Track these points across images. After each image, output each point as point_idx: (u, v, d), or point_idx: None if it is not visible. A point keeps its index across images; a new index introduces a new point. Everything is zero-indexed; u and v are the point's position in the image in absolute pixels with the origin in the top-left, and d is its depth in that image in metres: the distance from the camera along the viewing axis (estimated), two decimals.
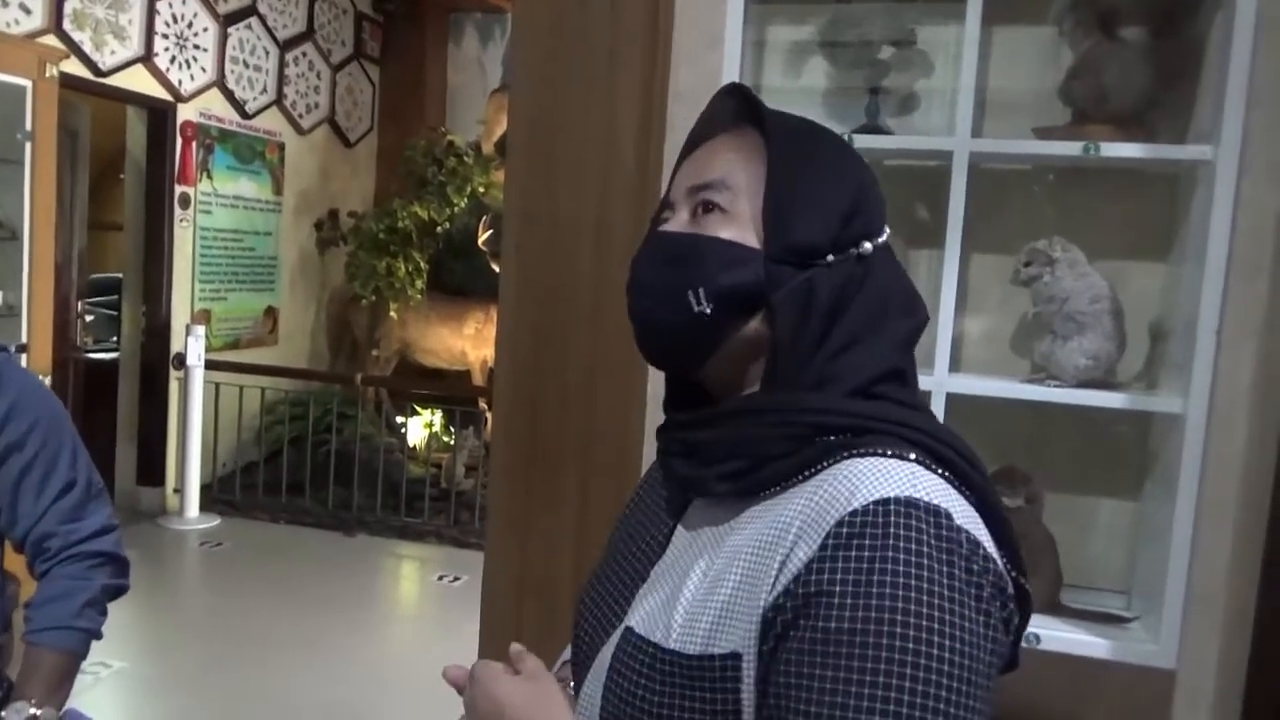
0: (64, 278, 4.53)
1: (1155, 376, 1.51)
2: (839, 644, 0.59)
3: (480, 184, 5.71)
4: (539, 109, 1.60)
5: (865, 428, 0.68)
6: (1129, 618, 1.47)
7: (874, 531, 0.61)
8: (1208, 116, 1.40)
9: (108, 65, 4.61)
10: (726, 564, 0.69)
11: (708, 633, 0.67)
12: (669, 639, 0.69)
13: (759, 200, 0.73)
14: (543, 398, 1.62)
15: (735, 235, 0.72)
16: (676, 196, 0.77)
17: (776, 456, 0.69)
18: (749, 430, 0.71)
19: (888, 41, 1.56)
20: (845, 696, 0.58)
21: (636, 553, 0.82)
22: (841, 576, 0.61)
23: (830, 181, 0.74)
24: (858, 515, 0.62)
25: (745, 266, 0.71)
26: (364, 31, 6.65)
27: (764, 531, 0.68)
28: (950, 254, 1.44)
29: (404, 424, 5.79)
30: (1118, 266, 1.51)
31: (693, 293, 0.71)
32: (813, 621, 0.61)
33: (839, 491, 0.64)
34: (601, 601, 0.82)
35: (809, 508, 0.65)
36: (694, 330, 0.73)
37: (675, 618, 0.69)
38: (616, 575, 0.82)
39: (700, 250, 0.73)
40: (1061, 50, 1.53)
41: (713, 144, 0.78)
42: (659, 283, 0.74)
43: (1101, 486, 1.56)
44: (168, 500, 5.16)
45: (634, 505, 0.91)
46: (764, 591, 0.64)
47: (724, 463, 0.71)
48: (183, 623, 3.90)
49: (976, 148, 1.44)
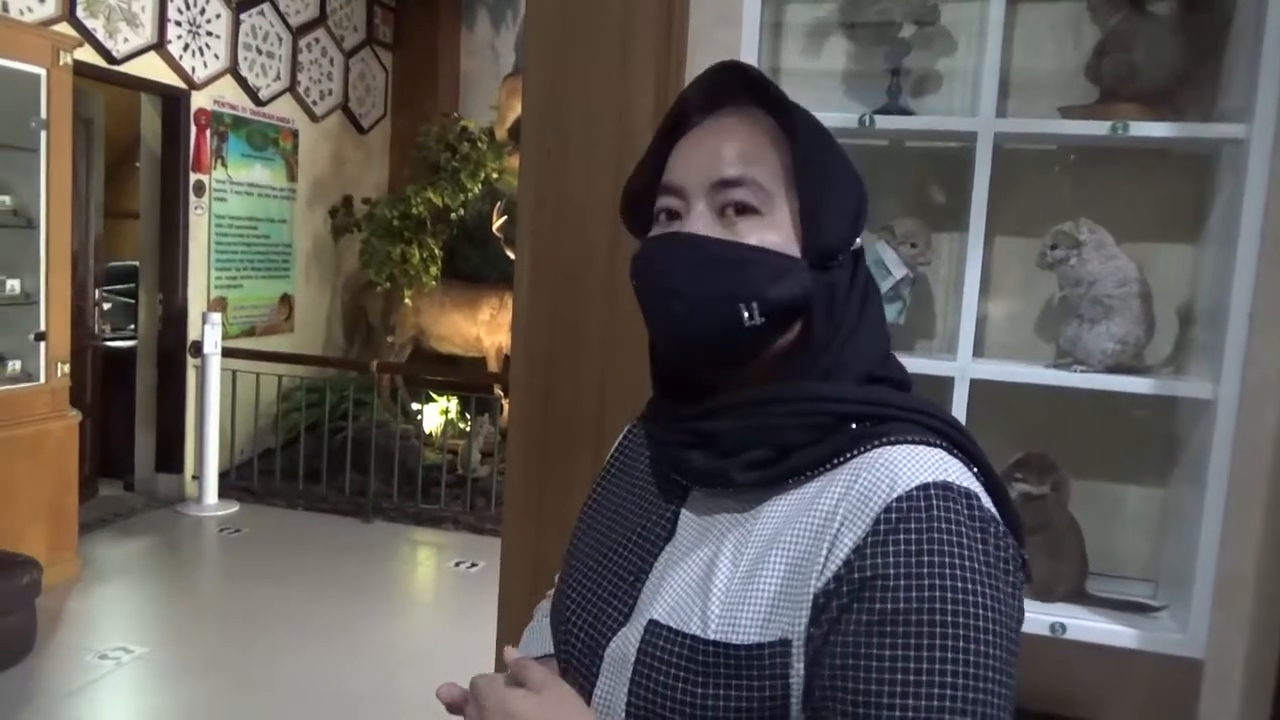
0: (80, 265, 4.55)
1: (1184, 361, 1.48)
2: (895, 624, 0.62)
3: (494, 169, 5.70)
4: (552, 93, 1.58)
5: (886, 415, 0.71)
6: (1156, 606, 1.44)
7: (918, 516, 0.64)
8: (1240, 94, 1.36)
9: (121, 53, 4.61)
10: (761, 552, 0.69)
11: (753, 621, 0.67)
12: (707, 630, 0.68)
13: (790, 200, 0.73)
14: (558, 384, 1.60)
15: (778, 242, 0.72)
16: (690, 187, 0.74)
17: (801, 445, 0.70)
18: (769, 419, 0.71)
19: (909, 20, 1.53)
20: (905, 674, 0.61)
21: (630, 544, 0.79)
22: (894, 560, 0.63)
23: (847, 181, 0.75)
24: (902, 501, 0.64)
25: (794, 277, 0.71)
26: (376, 17, 6.63)
27: (802, 519, 0.68)
28: (974, 237, 1.41)
29: (419, 410, 5.80)
30: (1146, 249, 1.48)
31: (745, 305, 0.70)
32: (869, 604, 0.63)
33: (880, 479, 0.66)
34: (597, 596, 0.79)
35: (851, 495, 0.66)
36: (743, 340, 0.72)
37: (711, 608, 0.68)
38: (610, 568, 0.79)
39: (749, 261, 0.71)
40: (1086, 27, 1.49)
41: (716, 129, 0.75)
42: (704, 291, 0.71)
43: (1128, 473, 1.53)
44: (186, 487, 5.20)
45: (604, 496, 0.88)
46: (813, 577, 0.65)
47: (745, 452, 0.71)
48: (202, 608, 3.93)
49: (1001, 128, 1.40)
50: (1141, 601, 1.45)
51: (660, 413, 0.80)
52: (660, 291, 0.74)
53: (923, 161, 1.58)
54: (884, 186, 1.56)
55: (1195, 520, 1.35)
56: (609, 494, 0.88)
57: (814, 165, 0.73)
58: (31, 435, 3.73)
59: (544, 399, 1.62)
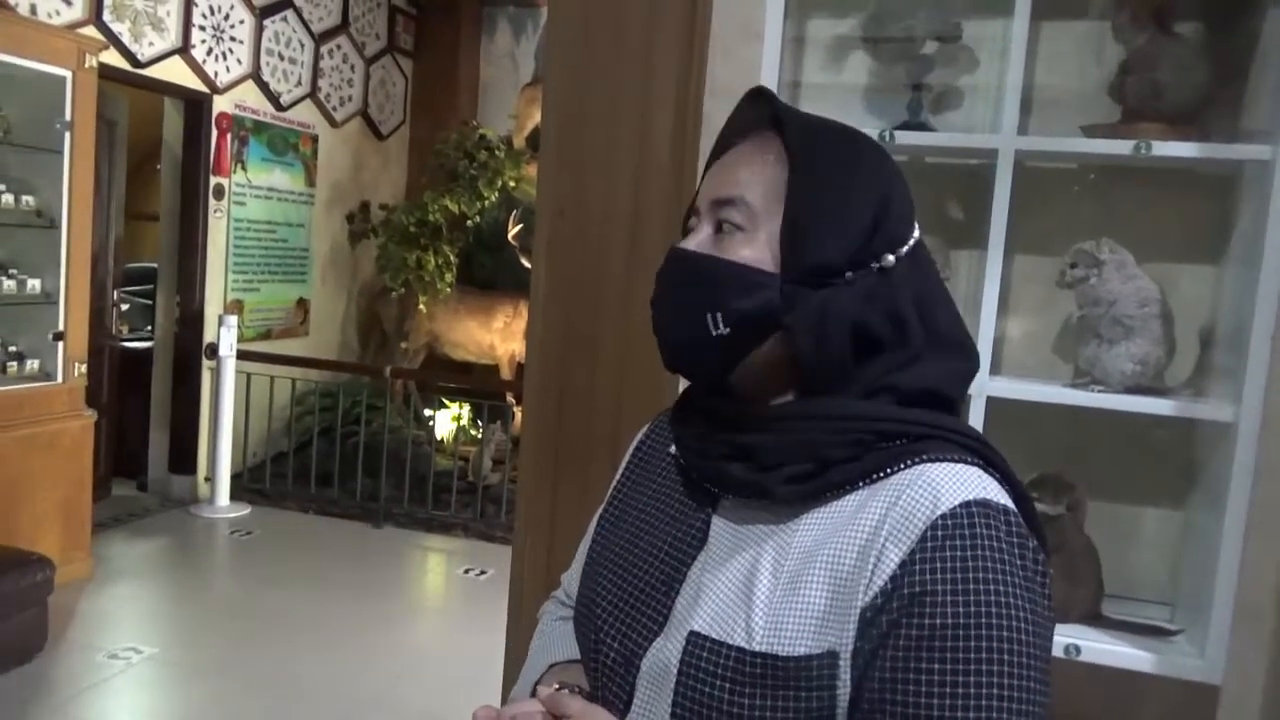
0: (100, 266, 4.59)
1: (1205, 383, 1.47)
2: (943, 639, 0.64)
3: (511, 178, 5.72)
4: (572, 103, 1.58)
5: (923, 434, 0.72)
6: (1173, 630, 1.42)
7: (962, 533, 0.66)
8: (1265, 115, 1.35)
9: (146, 56, 4.66)
10: (801, 565, 0.70)
11: (799, 633, 0.68)
12: (752, 641, 0.69)
13: (778, 219, 0.74)
14: (572, 393, 1.60)
15: (753, 257, 0.74)
16: (702, 206, 0.79)
17: (840, 461, 0.71)
18: (808, 434, 0.73)
19: (932, 36, 1.53)
20: (954, 687, 0.63)
21: (661, 551, 0.80)
22: (942, 576, 0.65)
23: (852, 199, 0.75)
24: (947, 519, 0.66)
25: (761, 291, 0.73)
26: (397, 25, 6.68)
27: (844, 533, 0.70)
28: (993, 254, 1.40)
29: (432, 416, 5.81)
30: (1167, 269, 1.47)
31: (710, 315, 0.74)
32: (918, 619, 0.64)
33: (923, 496, 0.68)
34: (630, 604, 0.79)
35: (896, 511, 0.68)
36: (714, 349, 0.75)
37: (754, 619, 0.70)
38: (642, 576, 0.80)
39: (717, 273, 0.75)
40: (1109, 46, 1.48)
41: (736, 152, 0.79)
42: (678, 302, 0.77)
43: (1146, 495, 1.52)
44: (199, 488, 5.22)
45: (628, 500, 0.89)
46: (859, 591, 0.67)
47: (785, 466, 0.72)
48: (212, 610, 3.94)
49: (1022, 146, 1.40)
50: (1158, 625, 1.44)
51: (690, 420, 0.82)
52: (654, 302, 0.80)
53: (943, 178, 1.57)
54: None
55: (1214, 544, 1.34)
56: (633, 498, 0.89)
57: (804, 184, 0.74)
58: (48, 434, 3.75)
59: (558, 408, 1.62)
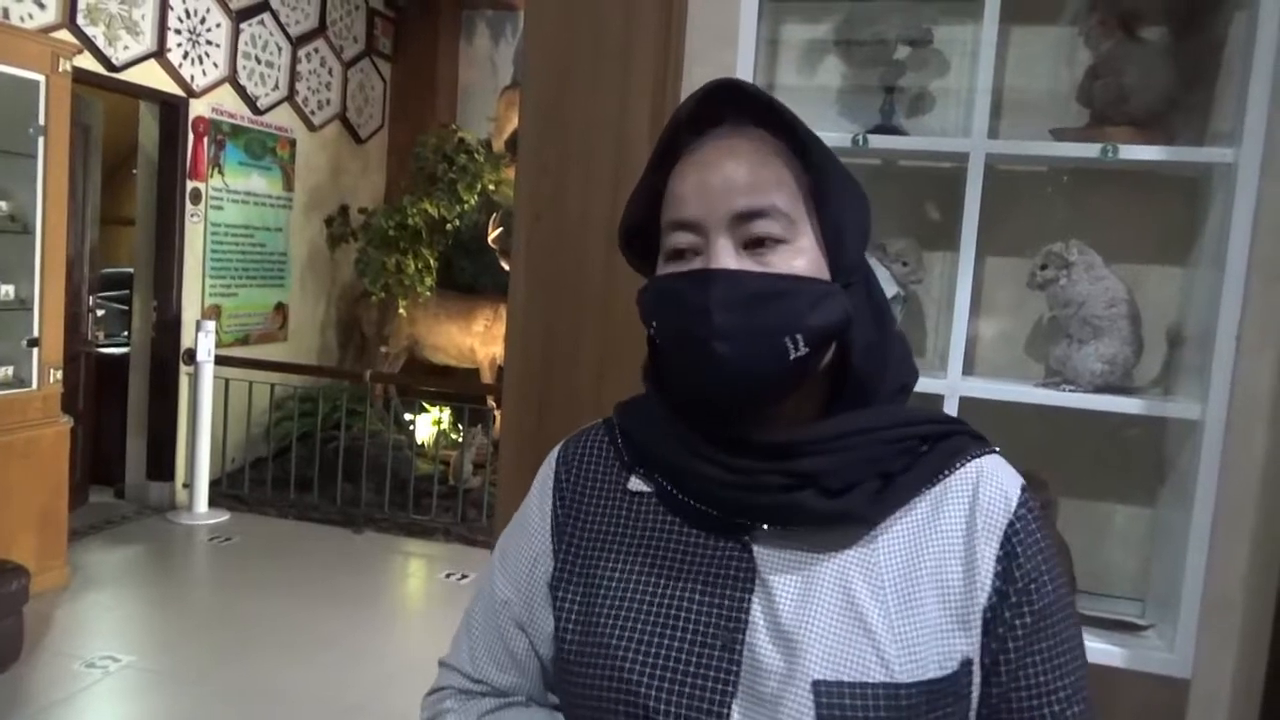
0: (75, 272, 4.54)
1: (1173, 382, 1.49)
2: (1049, 617, 0.71)
3: (490, 181, 5.71)
4: (551, 106, 1.59)
5: (946, 431, 0.75)
6: (1143, 625, 1.45)
7: (1031, 517, 0.72)
8: (1228, 118, 1.38)
9: (121, 60, 4.62)
10: (903, 583, 0.69)
11: (934, 651, 0.68)
12: (893, 674, 0.66)
13: (809, 221, 0.71)
14: (552, 396, 1.61)
15: (808, 268, 0.70)
16: (709, 221, 0.70)
17: (899, 471, 0.72)
18: (869, 450, 0.71)
19: (904, 41, 1.55)
20: (1060, 656, 0.71)
21: (697, 596, 0.71)
22: (1036, 562, 0.71)
23: (858, 196, 0.75)
24: (1020, 508, 0.72)
25: (831, 302, 0.70)
26: (376, 28, 6.66)
27: (932, 542, 0.71)
28: (965, 256, 1.42)
29: (412, 421, 5.79)
30: (1135, 270, 1.49)
31: (790, 338, 0.68)
32: (1030, 605, 0.70)
33: (996, 492, 0.72)
34: (684, 665, 0.69)
35: (979, 510, 0.71)
36: (790, 372, 0.69)
37: (886, 651, 0.67)
38: (684, 629, 0.70)
39: (790, 293, 0.68)
40: (1078, 50, 1.51)
41: (725, 150, 0.71)
42: (749, 329, 0.68)
43: (1116, 492, 1.54)
44: (177, 495, 5.18)
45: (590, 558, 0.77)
46: (976, 595, 0.70)
47: (858, 488, 0.70)
48: (190, 617, 3.91)
49: (993, 149, 1.42)
50: (1129, 620, 1.46)
51: (686, 449, 0.73)
52: (699, 333, 0.69)
53: (915, 180, 1.59)
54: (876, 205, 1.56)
55: (1183, 540, 1.36)
56: (601, 550, 0.77)
57: (833, 183, 0.72)
58: (23, 441, 3.71)
59: (538, 411, 1.62)
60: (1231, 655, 1.38)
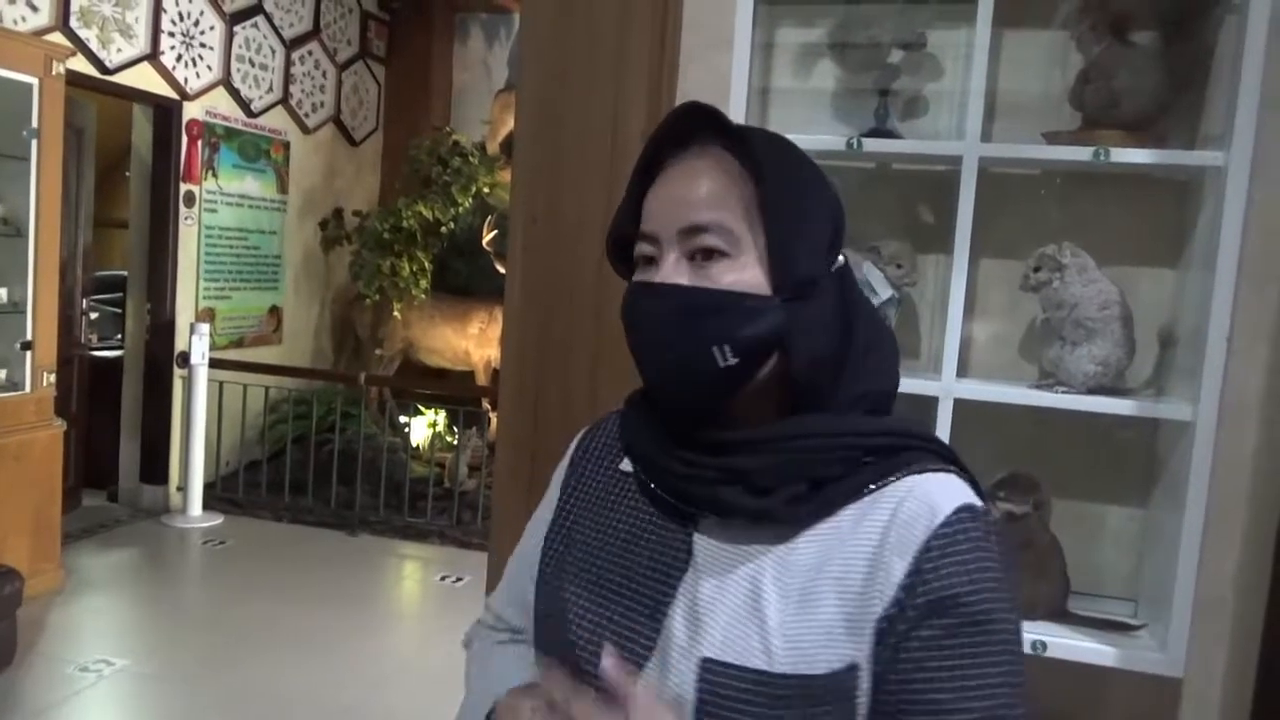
0: (69, 274, 4.53)
1: (1164, 383, 1.50)
2: (956, 637, 0.67)
3: (485, 184, 5.72)
4: (546, 109, 1.60)
5: (901, 446, 0.75)
6: (1136, 625, 1.46)
7: (962, 537, 0.69)
8: (1219, 121, 1.39)
9: (114, 63, 4.62)
10: (807, 582, 0.71)
11: (819, 651, 0.69)
12: (773, 663, 0.69)
13: (757, 237, 0.74)
14: (547, 399, 1.61)
15: (747, 282, 0.73)
16: (663, 234, 0.75)
17: (832, 479, 0.73)
18: (800, 455, 0.73)
19: (898, 44, 1.56)
20: (967, 680, 0.67)
21: (638, 572, 0.78)
22: (950, 581, 0.68)
23: (817, 207, 0.76)
24: (948, 526, 0.69)
25: (764, 315, 0.72)
26: (370, 31, 6.66)
27: (846, 548, 0.72)
28: (959, 259, 1.43)
29: (407, 424, 5.79)
30: (1127, 272, 1.50)
31: (718, 348, 0.72)
32: (936, 621, 0.68)
33: (920, 507, 0.71)
34: (613, 628, 0.77)
35: (897, 523, 0.70)
36: (720, 380, 0.73)
37: (771, 641, 0.70)
38: (623, 598, 0.78)
39: (719, 305, 0.73)
40: (1071, 54, 1.52)
41: (688, 170, 0.76)
42: (680, 339, 0.73)
43: (1109, 493, 1.55)
44: (171, 498, 5.17)
45: (576, 521, 0.86)
46: (873, 603, 0.69)
47: (782, 489, 0.73)
48: (185, 620, 3.90)
49: (986, 152, 1.43)
50: (1122, 620, 1.47)
51: (655, 440, 0.80)
52: (644, 340, 0.77)
53: (909, 184, 1.60)
54: (871, 208, 1.59)
55: (1175, 540, 1.37)
56: (584, 516, 0.86)
57: (781, 201, 0.74)
58: (16, 444, 3.71)
59: (533, 413, 1.63)
60: (1223, 654, 1.39)
